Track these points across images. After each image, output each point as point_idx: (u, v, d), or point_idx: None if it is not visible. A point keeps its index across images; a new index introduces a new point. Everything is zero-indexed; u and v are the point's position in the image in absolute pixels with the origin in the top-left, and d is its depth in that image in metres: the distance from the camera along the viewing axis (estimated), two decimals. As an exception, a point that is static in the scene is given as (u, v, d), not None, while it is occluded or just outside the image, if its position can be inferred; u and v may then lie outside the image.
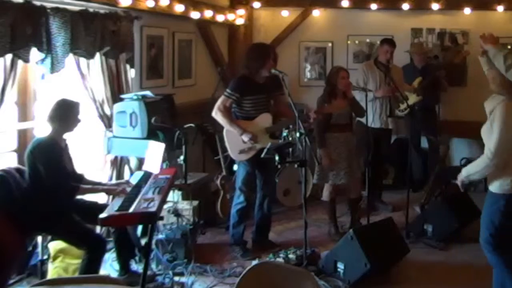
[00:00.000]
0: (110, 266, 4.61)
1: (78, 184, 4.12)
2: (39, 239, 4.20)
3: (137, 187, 4.03)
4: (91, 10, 4.59)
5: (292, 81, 7.24)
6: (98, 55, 4.77)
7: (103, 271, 4.21)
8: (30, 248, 4.31)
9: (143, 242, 4.67)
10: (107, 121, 5.01)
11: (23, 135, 4.48)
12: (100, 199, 4.59)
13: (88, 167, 4.93)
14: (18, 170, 4.09)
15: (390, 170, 7.22)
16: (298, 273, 3.15)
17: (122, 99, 5.00)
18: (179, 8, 5.77)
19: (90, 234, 4.09)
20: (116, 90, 5.04)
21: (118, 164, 5.13)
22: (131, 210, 3.47)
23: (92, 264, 3.92)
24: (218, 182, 5.80)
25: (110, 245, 4.49)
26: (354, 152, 5.46)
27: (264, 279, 2.99)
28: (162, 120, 4.85)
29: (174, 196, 5.11)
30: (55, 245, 4.26)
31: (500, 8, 7.20)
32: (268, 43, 6.32)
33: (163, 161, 4.56)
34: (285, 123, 5.35)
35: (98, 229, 4.63)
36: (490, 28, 7.21)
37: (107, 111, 4.99)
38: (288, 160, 6.08)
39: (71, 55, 4.45)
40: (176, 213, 4.81)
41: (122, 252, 4.41)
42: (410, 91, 6.59)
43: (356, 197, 5.55)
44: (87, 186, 4.20)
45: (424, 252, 5.12)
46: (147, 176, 4.28)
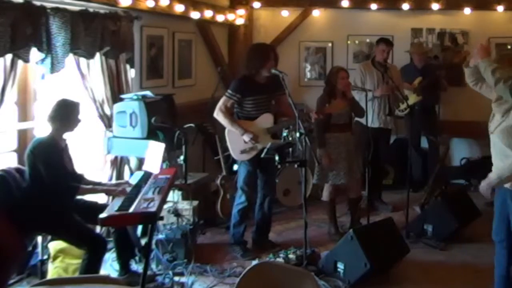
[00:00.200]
0: (110, 266, 4.60)
1: (78, 184, 4.12)
2: (39, 239, 4.20)
3: (137, 187, 4.03)
4: (91, 10, 4.59)
5: (292, 81, 7.24)
6: (98, 55, 4.77)
7: (103, 271, 4.21)
8: (30, 248, 4.30)
9: (143, 242, 4.68)
10: (107, 121, 5.02)
11: (23, 135, 4.48)
12: (100, 199, 4.59)
13: (88, 167, 4.93)
14: (18, 170, 4.09)
15: (390, 170, 7.21)
16: (298, 273, 3.14)
17: (122, 99, 5.00)
18: (179, 8, 5.77)
19: (91, 234, 4.09)
20: (116, 90, 5.04)
21: (118, 164, 5.13)
22: (131, 210, 3.47)
23: (92, 264, 3.92)
24: (218, 182, 5.81)
25: (110, 245, 4.48)
26: (354, 152, 5.46)
27: (264, 279, 2.99)
28: (162, 120, 4.84)
29: (174, 196, 5.12)
30: (55, 245, 4.26)
31: (500, 8, 7.20)
32: (268, 43, 6.33)
33: (163, 161, 4.56)
34: (286, 123, 5.35)
35: (98, 229, 4.62)
36: (490, 28, 7.33)
37: (107, 111, 4.99)
38: (288, 160, 6.09)
39: (71, 55, 4.45)
40: (176, 213, 4.81)
41: (122, 252, 4.41)
42: (410, 91, 6.60)
43: (356, 197, 5.55)
44: (87, 186, 4.19)
45: (424, 252, 5.12)
46: (147, 176, 4.27)
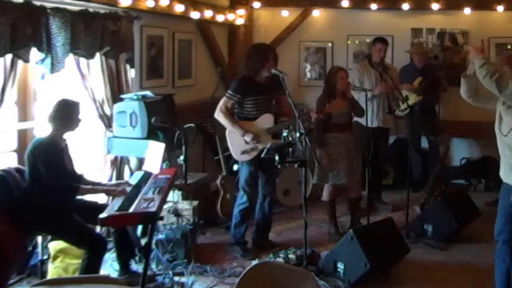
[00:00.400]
0: (110, 266, 4.60)
1: (78, 185, 4.12)
2: (39, 239, 4.20)
3: (137, 187, 4.03)
4: (91, 10, 4.59)
5: (292, 81, 7.25)
6: (98, 55, 4.77)
7: (103, 271, 4.21)
8: (30, 248, 4.30)
9: (143, 242, 4.68)
10: (107, 121, 5.01)
11: (23, 135, 4.48)
12: (100, 199, 4.59)
13: (88, 167, 4.93)
14: (18, 170, 4.09)
15: (390, 170, 7.21)
16: (298, 273, 3.14)
17: (122, 99, 5.00)
18: (179, 8, 5.77)
19: (91, 233, 4.09)
20: (116, 90, 5.04)
21: (118, 164, 5.13)
22: (131, 210, 3.47)
23: (92, 264, 3.92)
24: (218, 182, 5.80)
25: (110, 245, 4.48)
26: (354, 152, 5.46)
27: (264, 279, 2.99)
28: (162, 120, 4.84)
29: (174, 196, 5.12)
30: (55, 245, 4.26)
31: (500, 8, 7.20)
32: (268, 43, 6.32)
33: (163, 161, 4.56)
34: (286, 123, 5.35)
35: (98, 229, 4.62)
36: (490, 28, 7.32)
37: (107, 111, 4.99)
38: (288, 160, 6.09)
39: (71, 55, 4.45)
40: (176, 213, 4.81)
41: (122, 252, 4.41)
42: (410, 91, 6.60)
43: (356, 197, 5.55)
44: (87, 186, 4.19)
45: (424, 252, 5.12)
46: (147, 176, 4.27)
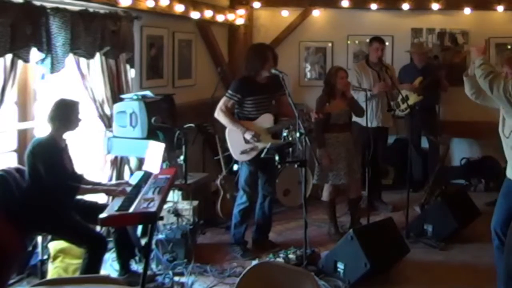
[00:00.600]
0: (110, 266, 4.60)
1: (78, 184, 4.12)
2: (39, 239, 4.20)
3: (137, 187, 4.02)
4: (91, 10, 4.59)
5: (292, 81, 7.25)
6: (98, 55, 4.77)
7: (103, 271, 4.20)
8: (30, 248, 4.31)
9: (143, 242, 4.67)
10: (107, 121, 5.01)
11: (23, 135, 4.48)
12: (100, 199, 4.59)
13: (88, 167, 4.93)
14: (18, 170, 4.09)
15: (390, 170, 7.21)
16: (298, 273, 3.14)
17: (122, 99, 5.00)
18: (179, 8, 5.77)
19: (91, 233, 4.09)
20: (116, 90, 5.04)
21: (118, 164, 5.13)
22: (131, 210, 3.47)
23: (92, 263, 3.92)
24: (218, 182, 5.80)
25: (110, 245, 4.47)
26: (354, 152, 5.46)
27: (264, 279, 2.99)
28: (162, 120, 4.84)
29: (174, 196, 5.12)
30: (55, 245, 4.26)
31: (500, 8, 7.20)
32: (268, 43, 6.32)
33: (163, 161, 4.56)
34: (286, 123, 5.34)
35: (98, 229, 4.62)
36: (490, 28, 7.33)
37: (107, 111, 4.99)
38: (288, 160, 6.09)
39: (71, 55, 4.45)
40: (176, 213, 4.82)
41: (122, 252, 4.41)
42: (410, 91, 6.60)
43: (356, 197, 5.54)
44: (87, 186, 4.19)
45: (424, 252, 5.12)
46: (147, 176, 4.27)
